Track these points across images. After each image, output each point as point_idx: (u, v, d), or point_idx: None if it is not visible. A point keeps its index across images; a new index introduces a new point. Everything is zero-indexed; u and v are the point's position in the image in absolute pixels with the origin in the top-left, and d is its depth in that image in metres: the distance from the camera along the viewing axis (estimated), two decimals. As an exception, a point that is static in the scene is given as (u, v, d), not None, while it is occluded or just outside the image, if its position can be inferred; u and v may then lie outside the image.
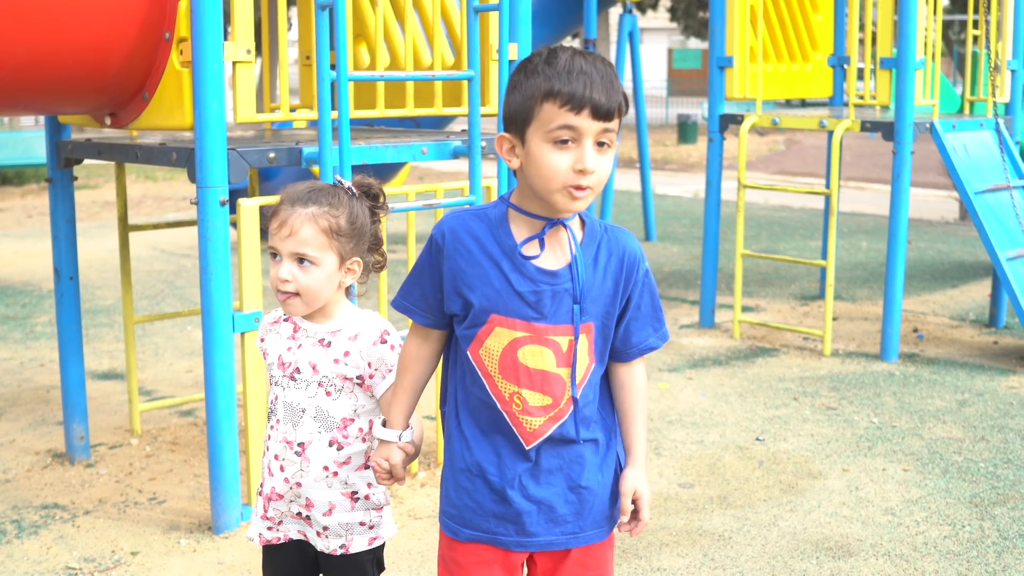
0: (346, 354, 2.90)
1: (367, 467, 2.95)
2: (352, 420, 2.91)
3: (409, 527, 4.83)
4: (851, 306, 9.26)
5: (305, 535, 3.02)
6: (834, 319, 8.58)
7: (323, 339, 2.92)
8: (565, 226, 2.56)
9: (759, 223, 13.75)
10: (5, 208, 15.78)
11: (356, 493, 2.95)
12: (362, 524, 2.98)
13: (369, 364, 2.89)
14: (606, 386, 2.73)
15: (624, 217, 14.33)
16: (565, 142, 2.44)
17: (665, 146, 26.24)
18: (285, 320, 2.97)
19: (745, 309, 8.89)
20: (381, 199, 3.00)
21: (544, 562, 2.72)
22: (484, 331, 2.57)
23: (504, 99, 2.55)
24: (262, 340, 3.02)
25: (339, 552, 2.98)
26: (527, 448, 2.61)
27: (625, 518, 2.71)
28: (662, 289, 9.98)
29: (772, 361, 7.54)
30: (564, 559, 2.71)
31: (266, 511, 3.00)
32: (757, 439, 5.98)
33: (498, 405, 2.60)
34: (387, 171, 11.34)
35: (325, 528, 2.96)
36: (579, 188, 2.46)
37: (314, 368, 2.91)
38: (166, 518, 4.95)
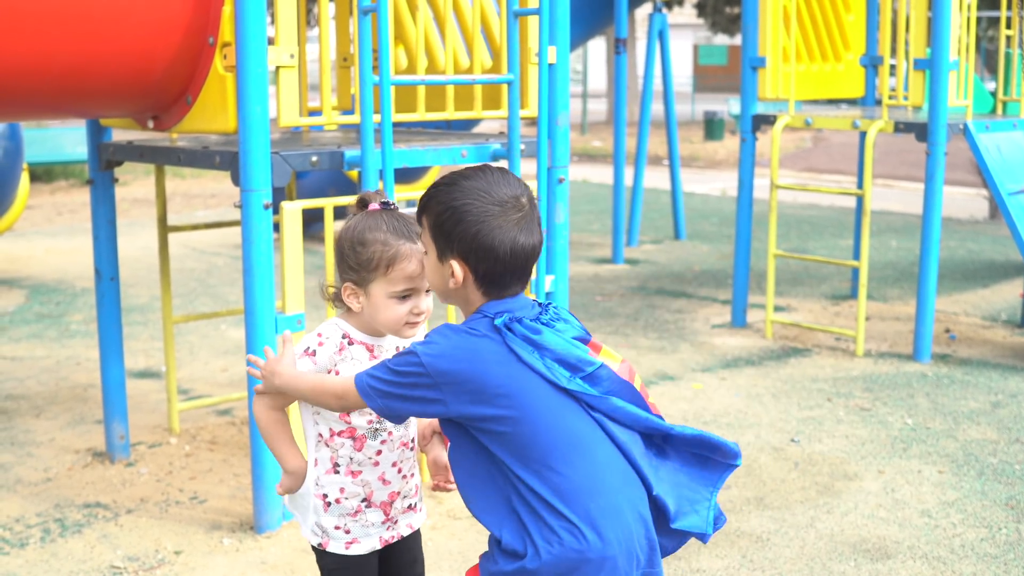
0: None
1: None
2: None
3: (449, 527, 4.86)
4: (882, 306, 9.25)
5: (411, 525, 3.13)
6: (866, 319, 8.58)
7: (399, 346, 2.99)
8: None
9: (788, 221, 13.74)
10: (35, 205, 15.87)
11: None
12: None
13: None
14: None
15: (653, 215, 14.34)
16: None
17: (691, 143, 26.20)
18: (349, 344, 2.96)
19: (776, 309, 8.90)
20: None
21: None
22: None
23: None
24: (332, 372, 2.95)
25: (422, 511, 3.18)
26: None
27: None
28: (693, 288, 10.01)
29: (805, 361, 7.56)
30: None
31: (388, 515, 3.05)
32: (792, 440, 6.00)
33: None
34: (416, 172, 11.41)
35: (416, 502, 3.14)
36: None
37: None
38: (208, 517, 5.01)
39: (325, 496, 2.98)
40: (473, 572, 2.73)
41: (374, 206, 2.95)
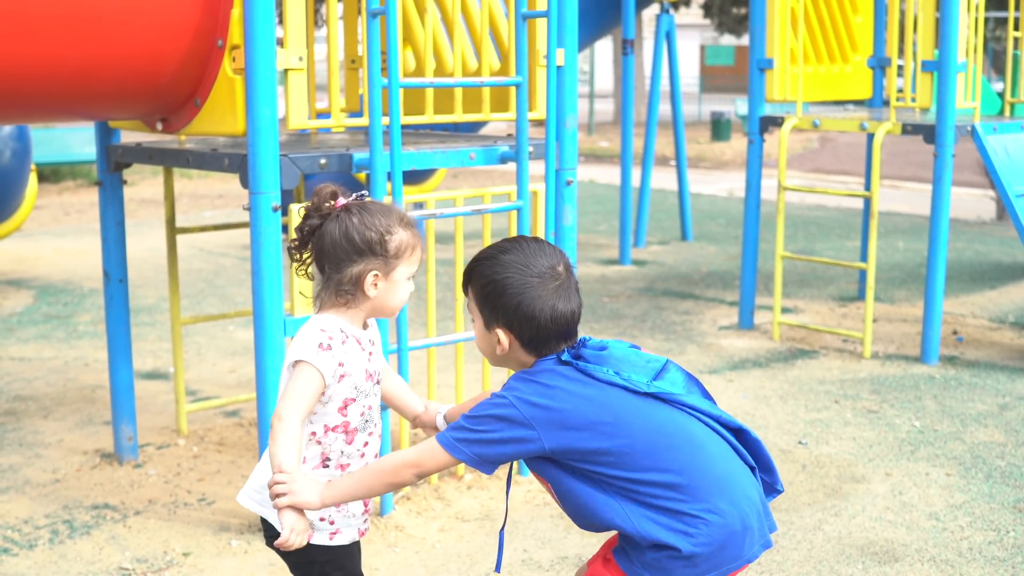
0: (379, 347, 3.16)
1: None
2: None
3: (457, 529, 4.87)
4: (889, 307, 9.24)
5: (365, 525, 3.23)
6: (873, 321, 8.57)
7: (371, 339, 3.10)
8: None
9: (795, 222, 13.74)
10: (42, 206, 15.87)
11: None
12: None
13: None
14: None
15: (660, 216, 14.33)
16: None
17: (698, 144, 26.19)
18: (346, 338, 3.00)
19: (783, 310, 8.89)
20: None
21: None
22: None
23: None
24: (342, 365, 2.98)
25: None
26: None
27: None
28: (700, 289, 10.01)
29: (812, 363, 7.55)
30: None
31: (366, 507, 3.16)
32: (800, 442, 6.00)
33: None
34: (423, 174, 11.42)
35: None
36: None
37: (379, 368, 3.14)
38: (216, 519, 5.01)
39: None
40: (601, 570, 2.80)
41: (343, 201, 3.00)
